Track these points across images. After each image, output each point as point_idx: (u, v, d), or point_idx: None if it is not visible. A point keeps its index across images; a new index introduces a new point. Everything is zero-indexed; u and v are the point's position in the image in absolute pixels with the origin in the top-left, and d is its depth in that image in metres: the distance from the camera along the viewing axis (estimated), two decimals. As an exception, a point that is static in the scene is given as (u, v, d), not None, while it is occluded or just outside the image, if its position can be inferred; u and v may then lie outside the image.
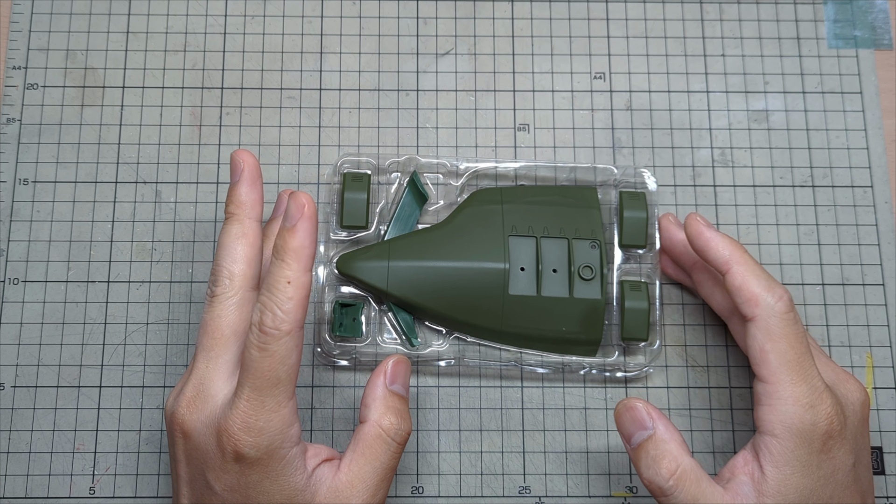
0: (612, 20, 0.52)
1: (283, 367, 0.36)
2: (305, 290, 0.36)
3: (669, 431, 0.39)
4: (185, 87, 0.50)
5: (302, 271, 0.36)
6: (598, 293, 0.45)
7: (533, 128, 0.50)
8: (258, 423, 0.35)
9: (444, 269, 0.45)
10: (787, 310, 0.38)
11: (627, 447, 0.40)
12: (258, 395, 0.35)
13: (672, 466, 0.38)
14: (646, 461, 0.38)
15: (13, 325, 0.47)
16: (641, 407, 0.39)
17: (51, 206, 0.48)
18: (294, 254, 0.36)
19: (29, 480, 0.45)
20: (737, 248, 0.40)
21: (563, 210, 0.46)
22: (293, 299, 0.35)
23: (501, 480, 0.46)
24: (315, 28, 0.51)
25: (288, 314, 0.35)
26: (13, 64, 0.50)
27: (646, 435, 0.39)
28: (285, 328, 0.35)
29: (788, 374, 0.38)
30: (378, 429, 0.38)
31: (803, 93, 0.51)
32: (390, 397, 0.40)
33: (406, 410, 0.40)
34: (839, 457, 0.38)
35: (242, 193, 0.40)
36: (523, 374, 0.47)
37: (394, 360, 0.41)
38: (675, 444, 0.38)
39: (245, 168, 0.40)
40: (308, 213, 0.36)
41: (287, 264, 0.36)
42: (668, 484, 0.37)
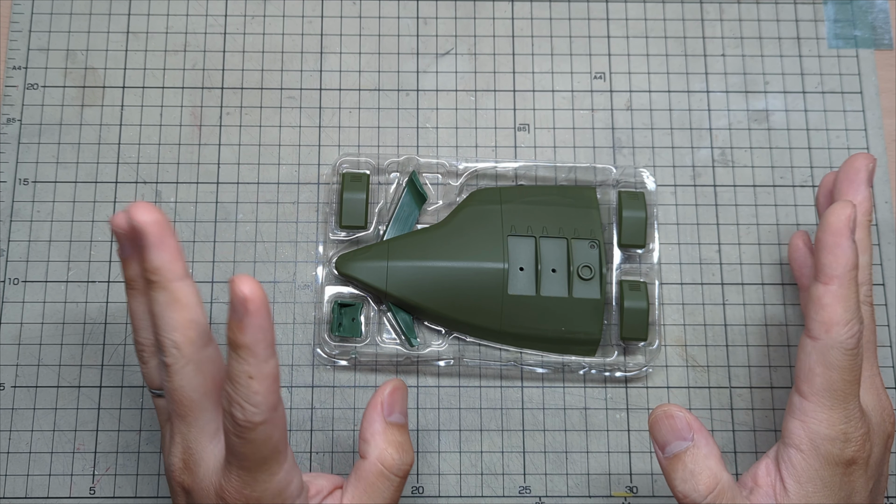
0: (613, 20, 0.52)
1: (267, 449, 0.34)
2: (270, 378, 0.33)
3: (709, 446, 0.37)
4: (186, 87, 0.50)
5: (261, 363, 0.33)
6: (598, 293, 0.45)
7: (533, 128, 0.50)
8: (254, 493, 0.35)
9: (444, 269, 0.45)
10: (854, 347, 0.37)
11: (659, 454, 0.38)
12: (247, 473, 0.34)
13: (711, 483, 0.36)
14: (682, 474, 0.37)
15: (13, 325, 0.47)
16: (682, 416, 0.38)
17: (51, 206, 0.48)
18: (247, 350, 0.33)
19: (29, 480, 0.45)
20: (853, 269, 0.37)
21: (562, 210, 0.46)
22: (259, 392, 0.33)
23: (501, 480, 0.46)
24: (315, 28, 0.51)
25: (257, 406, 0.33)
26: (13, 64, 0.50)
27: (684, 446, 0.37)
28: (257, 419, 0.33)
29: (830, 399, 0.37)
30: (379, 466, 0.38)
31: (803, 93, 0.51)
32: (389, 431, 0.38)
33: (407, 441, 0.39)
34: (859, 482, 0.37)
35: (157, 259, 0.35)
36: (523, 373, 0.47)
37: (390, 389, 0.39)
38: (714, 459, 0.37)
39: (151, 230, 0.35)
40: (253, 307, 0.32)
41: (243, 360, 0.33)
42: (705, 500, 0.36)
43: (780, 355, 0.47)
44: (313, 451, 0.46)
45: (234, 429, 0.34)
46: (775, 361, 0.47)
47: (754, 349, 0.47)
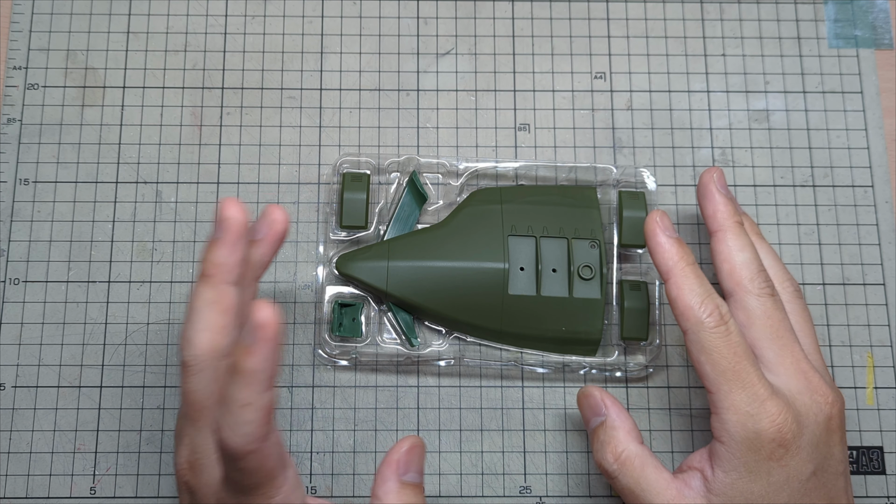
0: (613, 20, 0.52)
1: (260, 475, 0.34)
2: (264, 410, 0.33)
3: (620, 419, 0.41)
4: (186, 87, 0.50)
5: (259, 393, 0.32)
6: (598, 293, 0.45)
7: (533, 127, 0.50)
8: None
9: (444, 269, 0.45)
10: (717, 324, 0.39)
11: (588, 430, 0.42)
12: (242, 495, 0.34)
13: (617, 450, 0.40)
14: (597, 445, 0.41)
15: (14, 326, 0.47)
16: (597, 395, 0.42)
17: (51, 206, 0.48)
18: (250, 377, 0.32)
19: (30, 480, 0.45)
20: (681, 259, 0.40)
21: (562, 210, 0.46)
22: (251, 422, 0.32)
23: (502, 480, 0.46)
24: (315, 28, 0.51)
25: (247, 436, 0.33)
26: (14, 64, 0.50)
27: (599, 421, 0.41)
28: (246, 449, 0.33)
29: (725, 383, 0.38)
30: None
31: (804, 92, 0.51)
32: (403, 491, 0.37)
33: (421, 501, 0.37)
34: (793, 465, 0.38)
35: (221, 255, 0.36)
36: (524, 373, 0.47)
37: (407, 447, 0.38)
38: (623, 431, 0.41)
39: (230, 227, 0.36)
40: (267, 335, 0.32)
41: (244, 386, 0.32)
42: (612, 467, 0.40)
43: (781, 355, 0.47)
44: (314, 451, 0.46)
45: (223, 453, 0.33)
46: (776, 361, 0.47)
47: (755, 349, 0.47)
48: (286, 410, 0.46)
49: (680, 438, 0.46)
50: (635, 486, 0.39)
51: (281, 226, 0.39)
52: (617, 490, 0.40)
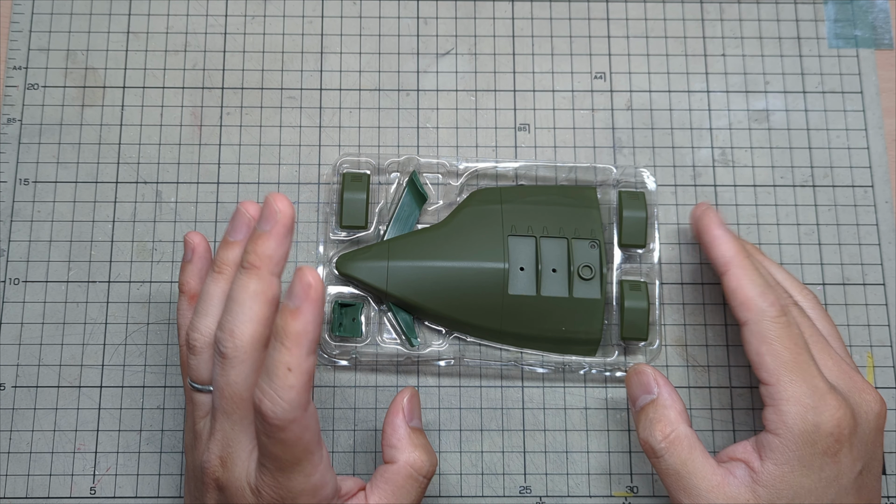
0: (613, 20, 0.52)
1: (298, 449, 0.34)
2: (307, 374, 0.33)
3: (672, 398, 0.40)
4: (186, 87, 0.50)
5: (304, 357, 0.33)
6: (598, 293, 0.45)
7: (533, 127, 0.50)
8: (290, 493, 0.35)
9: (444, 269, 0.45)
10: (779, 314, 0.39)
11: (632, 409, 0.42)
12: (282, 473, 0.35)
13: (667, 430, 0.39)
14: (644, 422, 0.40)
15: (14, 326, 0.47)
16: (650, 372, 0.41)
17: (51, 206, 0.48)
18: (296, 338, 0.33)
19: (30, 480, 0.45)
20: (740, 252, 0.41)
21: (562, 210, 0.46)
22: (294, 388, 0.33)
23: (502, 480, 0.46)
24: (315, 28, 0.51)
25: (290, 402, 0.33)
26: (14, 64, 0.50)
27: (649, 399, 0.41)
28: (288, 416, 0.33)
29: (787, 374, 0.38)
30: (410, 469, 0.39)
31: (804, 92, 0.51)
32: (414, 435, 0.40)
33: (429, 444, 0.40)
34: (845, 462, 0.38)
35: (270, 247, 0.36)
36: (523, 373, 0.47)
37: (408, 396, 0.41)
38: (674, 411, 0.40)
39: (280, 220, 0.36)
40: (314, 295, 0.33)
41: (287, 349, 0.33)
42: (659, 445, 0.39)
43: (781, 355, 0.47)
44: (314, 451, 0.46)
45: (263, 427, 0.34)
46: (776, 361, 0.47)
47: (755, 349, 0.47)
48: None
49: (680, 438, 0.46)
50: (681, 467, 0.39)
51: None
52: (659, 470, 0.39)
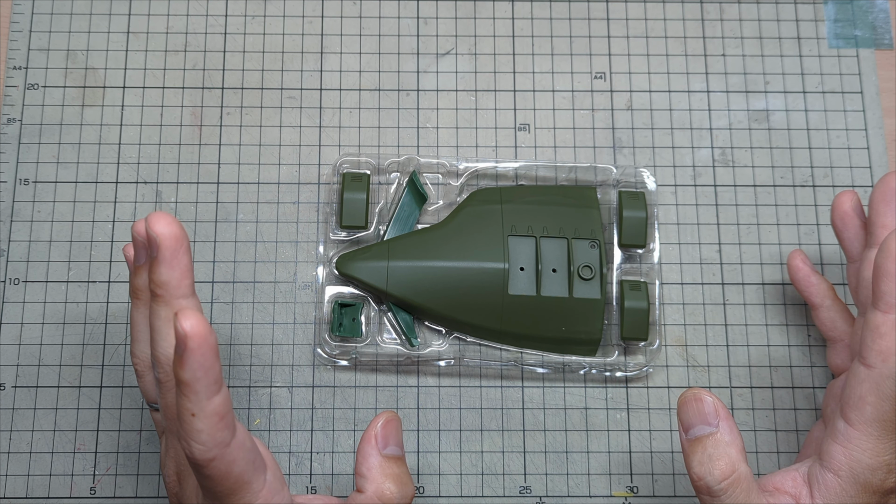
0: (613, 20, 0.52)
1: (229, 481, 0.33)
2: (215, 416, 0.32)
3: (732, 434, 0.37)
4: (186, 87, 0.50)
5: (202, 401, 0.32)
6: (598, 293, 0.45)
7: (533, 127, 0.50)
8: None
9: (444, 269, 0.45)
10: None
11: (682, 435, 0.38)
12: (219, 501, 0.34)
13: (728, 470, 0.36)
14: (701, 457, 0.37)
15: (14, 326, 0.47)
16: (711, 402, 0.38)
17: (51, 206, 0.48)
18: (188, 387, 0.32)
19: (30, 480, 0.45)
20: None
21: (562, 210, 0.46)
22: (202, 431, 0.32)
23: (502, 480, 0.46)
24: (315, 28, 0.51)
25: (203, 444, 0.32)
26: (14, 64, 0.50)
27: (707, 431, 0.37)
28: (206, 456, 0.32)
29: (878, 430, 0.36)
30: (377, 501, 0.37)
31: (804, 92, 0.51)
32: (386, 464, 0.38)
33: (405, 474, 0.38)
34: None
35: (163, 274, 0.34)
36: (523, 373, 0.47)
37: (382, 422, 0.38)
38: (735, 449, 0.37)
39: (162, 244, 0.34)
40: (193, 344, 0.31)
41: (185, 396, 0.32)
42: (718, 486, 0.36)
43: (781, 355, 0.47)
44: (314, 451, 0.46)
45: (192, 466, 0.33)
46: (776, 361, 0.47)
47: (754, 349, 0.47)
48: (286, 410, 0.46)
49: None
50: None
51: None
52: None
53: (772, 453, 0.46)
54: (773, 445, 0.46)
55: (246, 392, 0.46)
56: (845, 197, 0.43)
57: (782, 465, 0.46)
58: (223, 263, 0.48)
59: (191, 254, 0.35)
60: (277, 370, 0.46)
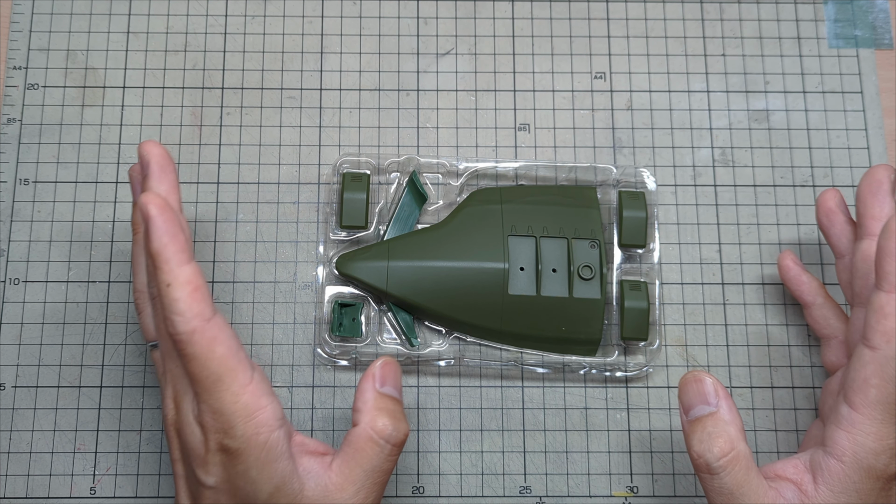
0: (613, 20, 0.52)
1: (212, 364, 0.34)
2: (188, 284, 0.34)
3: (732, 413, 0.38)
4: (186, 87, 0.50)
5: (174, 268, 0.33)
6: (598, 293, 0.45)
7: (533, 127, 0.50)
8: (223, 416, 0.34)
9: (444, 269, 0.45)
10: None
11: (683, 417, 0.39)
12: (209, 395, 0.34)
13: (726, 447, 0.37)
14: (700, 435, 0.37)
15: (14, 326, 0.47)
16: (710, 382, 0.38)
17: (51, 206, 0.48)
18: (157, 257, 0.33)
19: (30, 480, 0.45)
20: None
21: (562, 210, 0.46)
22: (179, 300, 0.33)
23: (502, 480, 0.46)
24: (315, 28, 0.51)
25: (181, 314, 0.33)
26: (14, 64, 0.50)
27: (707, 410, 0.38)
28: (186, 328, 0.33)
29: (882, 413, 0.36)
30: (370, 431, 0.37)
31: (804, 92, 0.51)
32: (381, 399, 0.38)
33: (400, 412, 0.38)
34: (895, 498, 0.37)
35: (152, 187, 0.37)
36: (523, 373, 0.47)
37: (381, 362, 0.39)
38: (735, 428, 0.37)
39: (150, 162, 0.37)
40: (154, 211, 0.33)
41: (159, 269, 0.34)
42: (717, 463, 0.36)
43: (781, 355, 0.47)
44: (314, 451, 0.46)
45: (177, 349, 0.34)
46: (776, 361, 0.47)
47: (754, 349, 0.47)
48: (286, 410, 0.46)
49: (680, 438, 0.46)
50: (736, 488, 0.36)
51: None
52: (710, 487, 0.37)
53: (772, 453, 0.46)
54: (773, 445, 0.46)
55: (246, 392, 0.46)
56: (829, 195, 0.44)
57: (782, 465, 0.46)
58: (223, 263, 0.48)
59: (177, 176, 0.38)
60: (277, 370, 0.46)
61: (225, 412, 0.34)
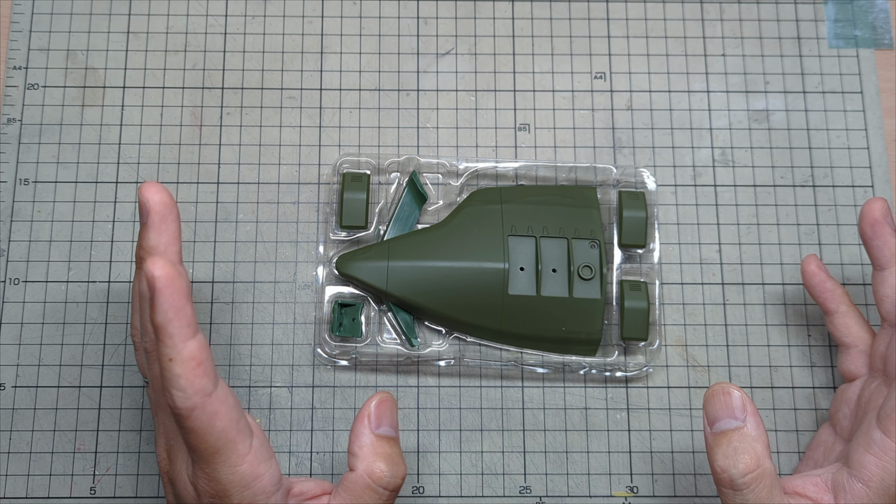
0: (613, 20, 0.52)
1: (212, 437, 0.33)
2: (191, 361, 0.32)
3: (759, 430, 0.37)
4: (186, 87, 0.50)
5: (178, 345, 0.32)
6: (598, 293, 0.45)
7: (533, 127, 0.50)
8: (220, 485, 0.34)
9: (444, 269, 0.45)
10: None
11: (707, 429, 0.38)
12: (206, 464, 0.34)
13: (752, 464, 0.36)
14: (726, 450, 0.36)
15: (14, 326, 0.47)
16: (738, 396, 0.37)
17: (51, 206, 0.48)
18: (161, 330, 0.32)
19: (30, 480, 0.45)
20: None
21: (562, 210, 0.46)
22: (181, 376, 0.32)
23: (502, 480, 0.46)
24: (315, 28, 0.51)
25: (183, 390, 0.32)
26: (14, 64, 0.50)
27: (733, 425, 0.37)
28: (187, 404, 0.32)
29: None
30: (367, 479, 0.36)
31: (804, 92, 0.51)
32: (378, 443, 0.37)
33: (397, 454, 0.37)
34: None
35: (150, 239, 0.35)
36: (523, 373, 0.47)
37: (376, 401, 0.38)
38: (761, 444, 0.36)
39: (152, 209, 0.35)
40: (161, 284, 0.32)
41: (161, 341, 0.32)
42: (742, 479, 0.36)
43: (781, 355, 0.47)
44: (314, 451, 0.46)
45: (174, 419, 0.33)
46: (776, 361, 0.47)
47: (754, 349, 0.47)
48: (286, 410, 0.46)
49: (680, 438, 0.46)
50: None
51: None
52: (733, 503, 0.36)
53: (772, 453, 0.46)
54: (773, 445, 0.46)
55: (246, 392, 0.46)
56: (875, 204, 0.42)
57: (783, 465, 0.46)
58: (223, 263, 0.48)
59: (179, 222, 0.36)
60: (277, 370, 0.46)
61: (222, 481, 0.34)
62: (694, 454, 0.46)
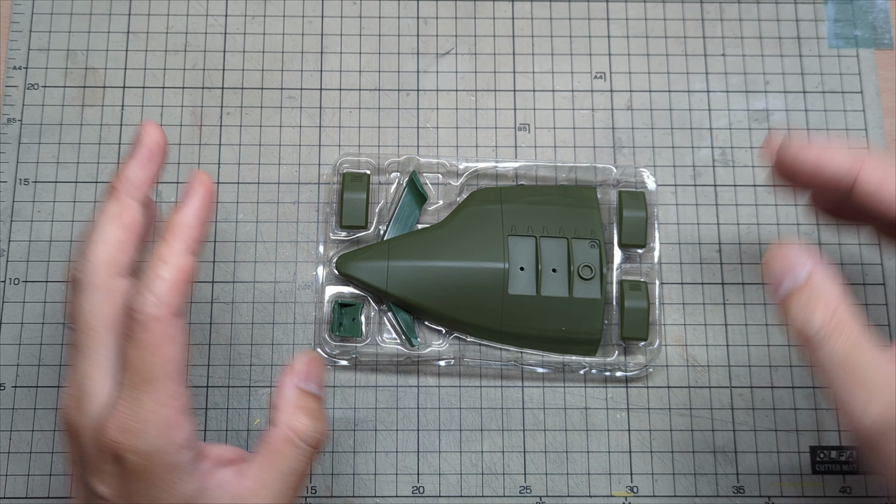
0: (613, 20, 0.52)
1: (155, 360, 0.32)
2: (181, 272, 0.32)
3: (825, 279, 0.33)
4: (186, 87, 0.50)
5: (180, 251, 0.32)
6: (598, 293, 0.45)
7: (533, 127, 0.50)
8: (135, 424, 0.32)
9: (444, 269, 0.45)
10: None
11: (774, 298, 0.34)
12: (134, 392, 0.32)
13: (828, 311, 0.32)
14: (798, 306, 0.33)
15: (14, 326, 0.47)
16: (794, 250, 0.34)
17: (51, 206, 0.48)
18: (174, 230, 0.33)
19: (30, 480, 0.45)
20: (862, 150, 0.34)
21: (562, 210, 0.46)
22: (165, 280, 0.32)
23: (502, 480, 0.46)
24: (315, 28, 0.51)
25: (157, 296, 0.31)
26: (14, 64, 0.50)
27: (799, 280, 0.33)
28: (153, 311, 0.31)
29: None
30: (288, 431, 0.35)
31: (804, 92, 0.51)
32: (302, 397, 0.36)
33: (320, 411, 0.36)
34: None
35: (131, 170, 0.35)
36: (524, 373, 0.47)
37: (306, 359, 0.37)
38: (832, 292, 0.33)
39: (144, 147, 0.36)
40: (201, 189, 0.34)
41: (165, 241, 0.32)
42: (821, 330, 0.32)
43: (781, 355, 0.47)
44: (314, 450, 0.46)
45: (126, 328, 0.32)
46: (776, 361, 0.47)
47: (754, 349, 0.47)
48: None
49: (680, 438, 0.46)
50: (848, 356, 0.32)
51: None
52: (818, 362, 0.32)
53: (772, 453, 0.46)
54: (773, 446, 0.46)
55: (246, 392, 0.46)
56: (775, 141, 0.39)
57: (783, 465, 0.46)
58: (223, 263, 0.48)
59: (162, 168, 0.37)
60: (277, 370, 0.46)
61: (141, 415, 0.32)
62: (694, 454, 0.46)
